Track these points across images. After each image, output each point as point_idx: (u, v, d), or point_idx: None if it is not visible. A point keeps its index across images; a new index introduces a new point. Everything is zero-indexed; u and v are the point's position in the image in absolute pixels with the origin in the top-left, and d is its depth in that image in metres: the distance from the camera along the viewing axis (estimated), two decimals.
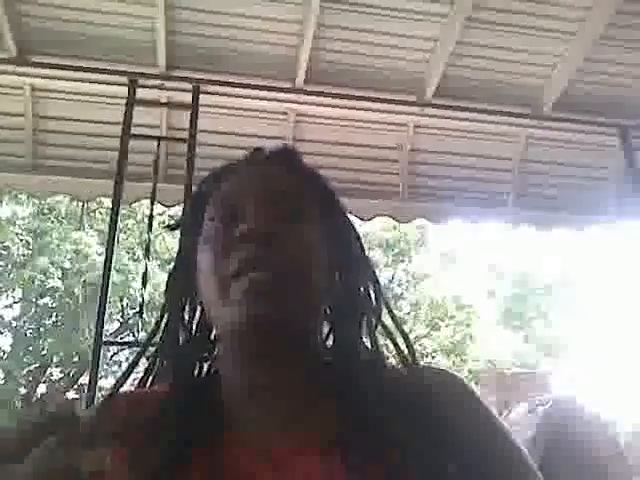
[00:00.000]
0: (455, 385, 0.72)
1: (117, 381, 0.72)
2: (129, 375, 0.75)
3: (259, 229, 0.65)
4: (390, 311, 0.77)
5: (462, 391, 0.71)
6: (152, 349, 0.79)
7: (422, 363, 0.73)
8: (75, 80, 3.09)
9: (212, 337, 0.76)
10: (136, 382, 0.76)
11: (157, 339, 0.76)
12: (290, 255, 0.65)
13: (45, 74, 3.08)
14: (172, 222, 0.84)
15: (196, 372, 0.74)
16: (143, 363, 0.78)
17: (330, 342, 0.76)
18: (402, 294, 15.34)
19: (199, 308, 0.75)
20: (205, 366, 0.75)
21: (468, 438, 0.65)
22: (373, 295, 0.76)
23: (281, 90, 3.25)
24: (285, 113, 3.36)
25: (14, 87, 3.16)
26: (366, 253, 0.80)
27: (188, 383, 0.70)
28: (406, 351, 0.72)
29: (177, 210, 3.32)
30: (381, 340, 0.75)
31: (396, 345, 0.73)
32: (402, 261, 15.41)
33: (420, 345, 14.34)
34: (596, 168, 3.70)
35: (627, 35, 3.22)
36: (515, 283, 17.08)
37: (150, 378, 0.75)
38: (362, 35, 3.13)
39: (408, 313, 15.11)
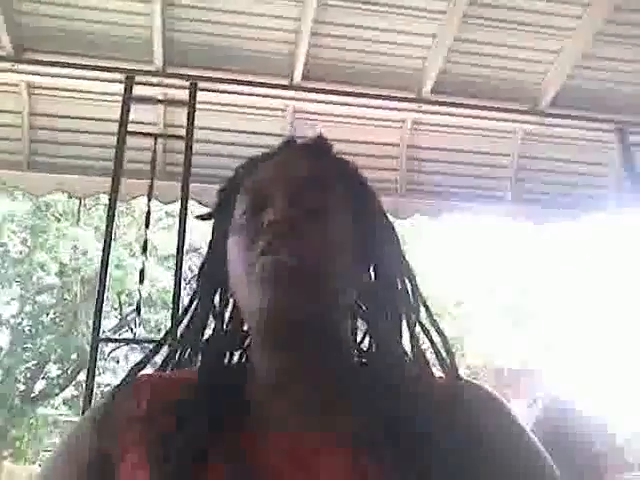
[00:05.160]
0: (489, 400, 0.70)
1: (133, 368, 0.72)
2: (148, 362, 0.75)
3: (283, 216, 0.65)
4: (428, 310, 0.74)
5: (496, 407, 0.70)
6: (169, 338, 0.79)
7: (461, 375, 0.71)
8: (71, 77, 3.07)
9: (244, 328, 0.75)
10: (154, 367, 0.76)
11: (183, 327, 0.76)
12: (312, 242, 0.65)
13: (41, 71, 3.06)
14: (204, 213, 0.83)
15: (225, 362, 0.73)
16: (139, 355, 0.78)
17: (362, 338, 0.75)
18: None
19: (232, 300, 0.75)
20: (236, 355, 0.75)
21: (500, 454, 0.64)
22: (411, 292, 0.73)
23: (279, 87, 3.24)
24: (283, 110, 3.35)
25: (10, 84, 3.14)
26: (402, 247, 0.77)
27: (216, 372, 0.70)
28: (444, 354, 0.71)
29: (174, 207, 3.32)
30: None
31: (433, 344, 0.72)
32: None
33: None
34: (593, 164, 3.70)
35: (625, 32, 3.21)
36: (514, 280, 17.09)
37: (171, 365, 0.74)
38: (360, 31, 3.12)
39: None
